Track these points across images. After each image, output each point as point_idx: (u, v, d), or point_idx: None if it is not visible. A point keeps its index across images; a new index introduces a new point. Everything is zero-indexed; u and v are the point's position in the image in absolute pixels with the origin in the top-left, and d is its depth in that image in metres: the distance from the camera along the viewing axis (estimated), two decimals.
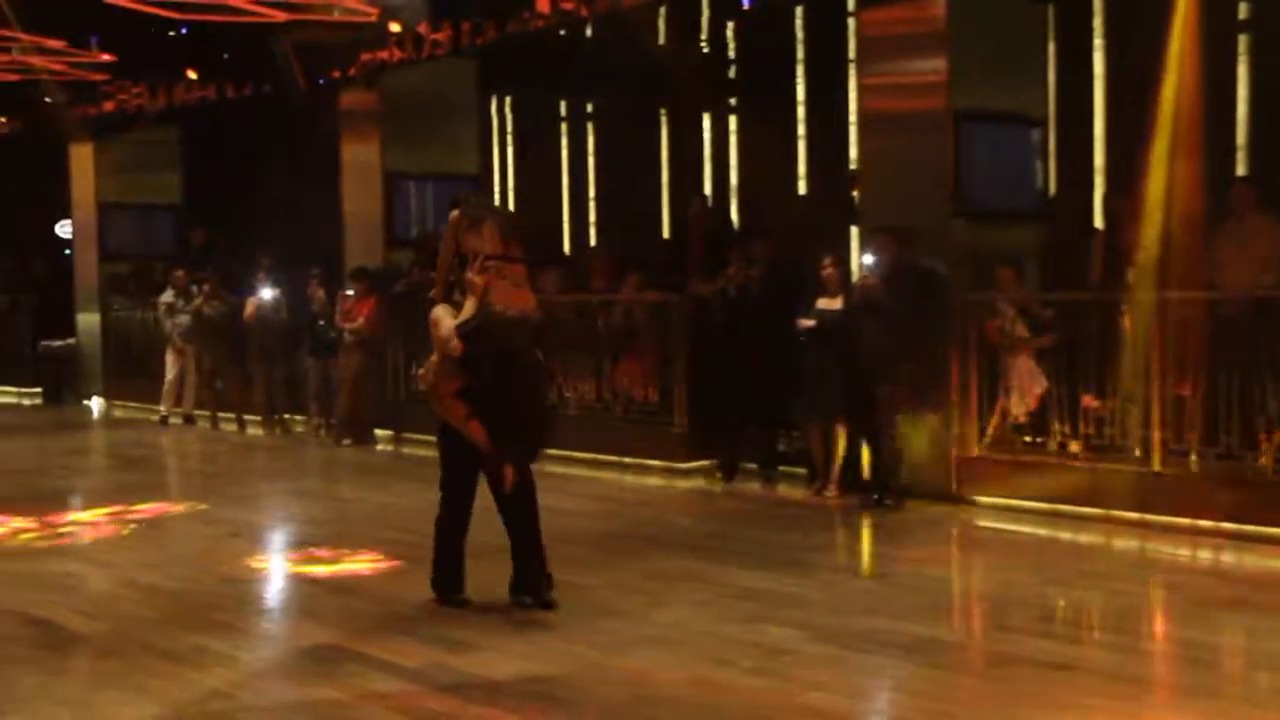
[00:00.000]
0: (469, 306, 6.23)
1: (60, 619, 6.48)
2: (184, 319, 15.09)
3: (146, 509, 9.55)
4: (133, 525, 9.00)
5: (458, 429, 6.38)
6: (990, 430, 9.21)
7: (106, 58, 15.63)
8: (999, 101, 9.79)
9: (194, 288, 15.16)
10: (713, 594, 6.81)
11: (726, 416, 10.50)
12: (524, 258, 6.46)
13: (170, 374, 15.20)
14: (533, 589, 6.49)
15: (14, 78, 16.72)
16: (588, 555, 7.78)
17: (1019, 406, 9.12)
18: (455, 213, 6.60)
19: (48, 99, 18.01)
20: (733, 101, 14.82)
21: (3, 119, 19.16)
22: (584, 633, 6.09)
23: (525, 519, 6.49)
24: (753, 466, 10.49)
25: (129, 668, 5.65)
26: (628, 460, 11.11)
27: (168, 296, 15.36)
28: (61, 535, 8.75)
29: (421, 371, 6.60)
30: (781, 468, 10.39)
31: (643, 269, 11.75)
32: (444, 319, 6.32)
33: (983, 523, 8.75)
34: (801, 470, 10.06)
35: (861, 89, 10.21)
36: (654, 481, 10.65)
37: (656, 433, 11.03)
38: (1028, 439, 9.14)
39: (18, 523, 9.08)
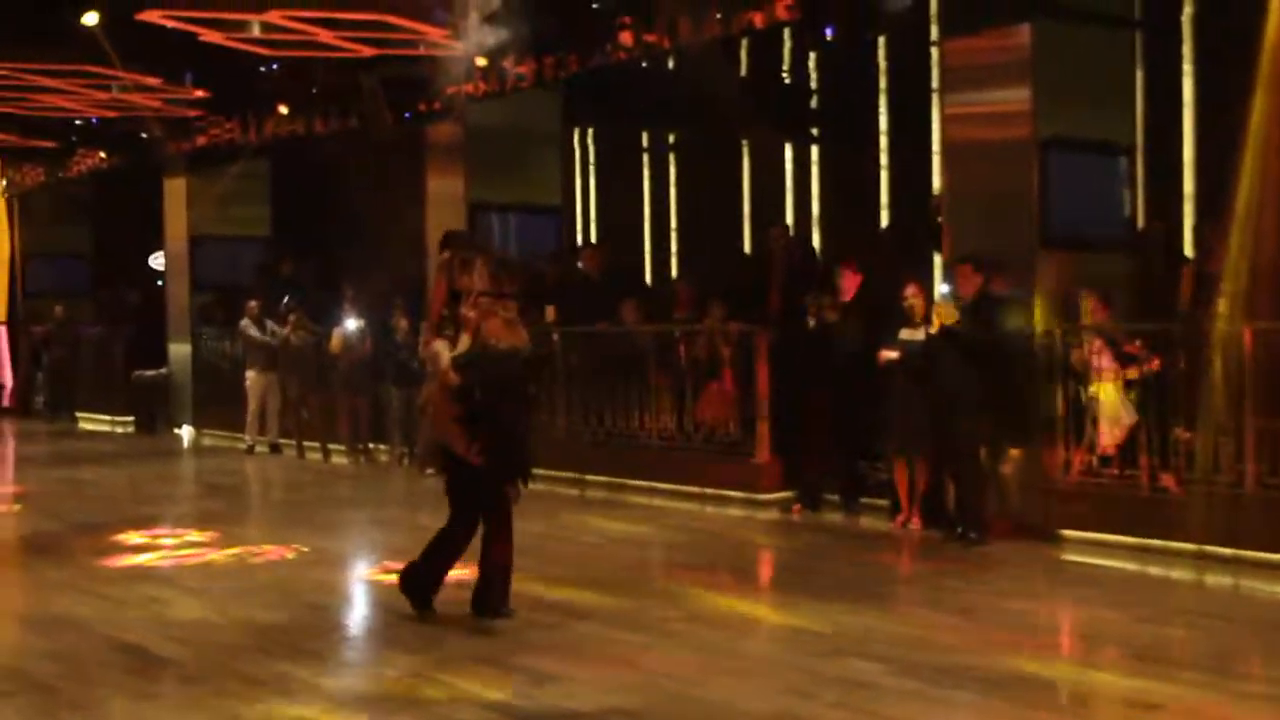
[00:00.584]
0: (464, 341, 6.73)
1: (150, 644, 6.58)
2: (264, 340, 15.35)
3: (234, 536, 9.69)
4: (220, 552, 9.13)
5: (458, 455, 6.83)
6: (1077, 463, 9.06)
7: (200, 94, 15.98)
8: (1085, 130, 9.67)
9: (268, 320, 15.43)
10: (795, 626, 6.76)
11: (810, 447, 10.44)
12: (514, 294, 6.93)
13: (252, 404, 15.45)
14: (492, 609, 6.80)
15: (114, 114, 17.17)
16: (667, 586, 7.77)
17: (1107, 438, 8.96)
18: (446, 253, 7.12)
19: (145, 135, 18.46)
20: (815, 131, 14.81)
21: (102, 155, 19.66)
22: (665, 664, 6.07)
23: (503, 542, 6.83)
24: (835, 498, 10.41)
25: (216, 694, 5.73)
26: (708, 491, 11.08)
27: (245, 325, 15.63)
28: (151, 561, 8.91)
29: (421, 401, 7.26)
30: (864, 499, 10.31)
31: (725, 299, 11.74)
32: (442, 353, 6.87)
33: (1069, 557, 8.60)
34: (884, 502, 9.96)
35: (945, 118, 10.14)
36: (734, 512, 10.61)
37: (738, 463, 11.00)
38: (1116, 472, 8.97)
39: (109, 548, 9.27)
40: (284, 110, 16.13)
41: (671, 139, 16.81)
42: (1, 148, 20.93)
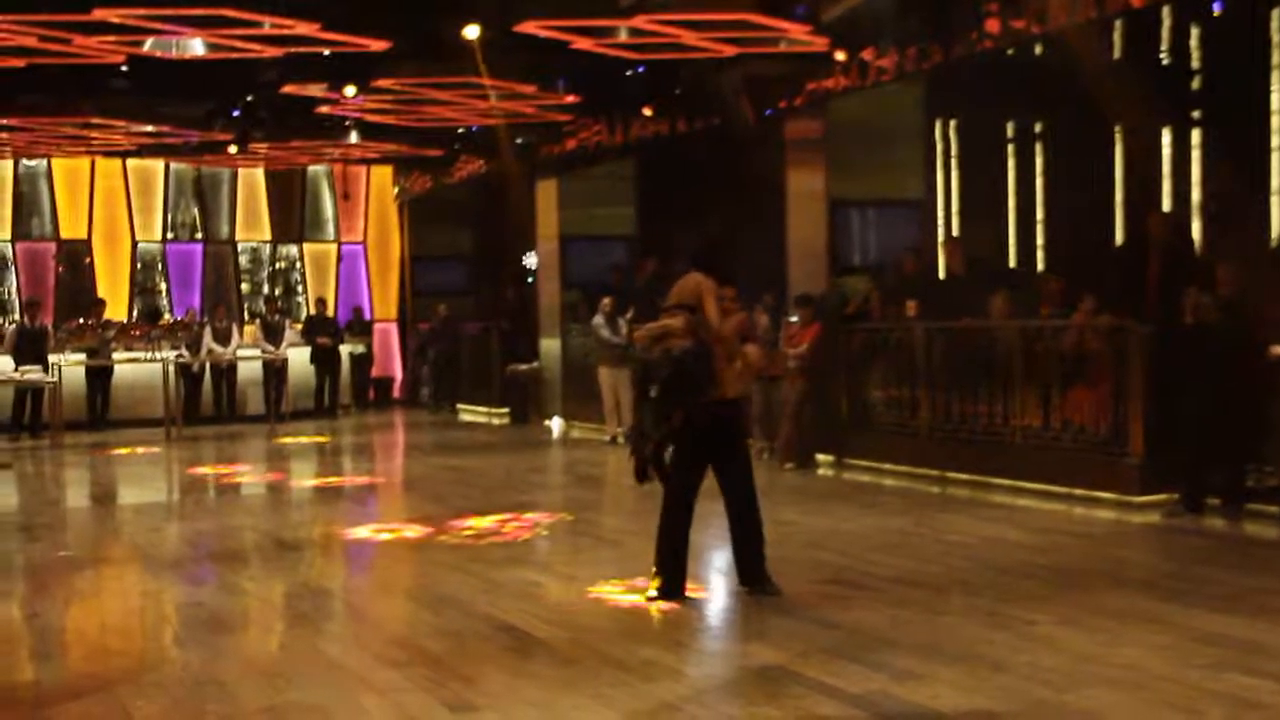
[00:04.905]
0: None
1: (525, 625, 6.89)
2: (612, 339, 15.79)
3: (598, 524, 10.03)
4: (587, 538, 9.48)
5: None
6: None
7: (571, 99, 16.64)
8: None
9: (619, 318, 15.84)
10: (1173, 637, 6.39)
11: (1189, 449, 9.84)
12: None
13: (606, 398, 15.94)
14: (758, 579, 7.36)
15: (492, 122, 18.14)
16: (1034, 589, 7.50)
17: None
18: (706, 279, 7.32)
19: (519, 140, 19.40)
20: (1195, 115, 13.95)
21: (482, 161, 20.79)
22: (1032, 670, 5.86)
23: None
24: (1216, 502, 9.78)
25: (587, 675, 5.94)
26: (1077, 492, 10.63)
27: (597, 323, 16.11)
28: (525, 545, 9.35)
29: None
30: (1250, 505, 9.63)
31: (1095, 292, 11.24)
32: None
33: None
34: (1273, 508, 9.28)
35: None
36: (1105, 515, 10.13)
37: (1109, 463, 10.50)
38: None
39: (487, 532, 9.79)
40: (648, 111, 16.56)
41: (1038, 127, 16.22)
42: (394, 157, 22.51)
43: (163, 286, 22.90)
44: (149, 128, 18.50)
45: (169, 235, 22.94)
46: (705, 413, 7.29)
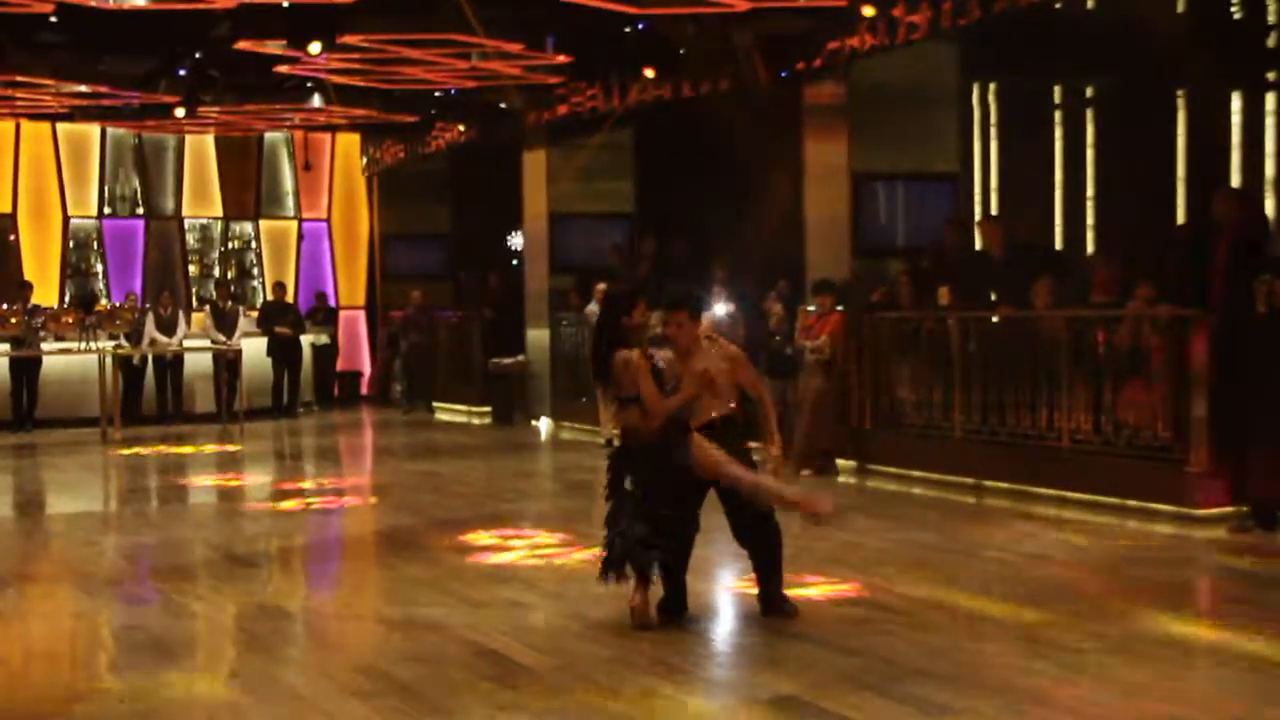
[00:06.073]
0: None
1: (509, 650, 6.91)
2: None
3: (592, 538, 10.00)
4: (580, 553, 9.49)
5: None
6: None
7: (563, 59, 16.63)
8: None
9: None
10: (1242, 668, 6.40)
11: (1260, 455, 9.85)
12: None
13: (601, 396, 15.91)
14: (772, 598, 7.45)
15: (473, 84, 18.12)
16: (1081, 612, 7.51)
17: None
18: (632, 356, 7.28)
19: (504, 105, 19.38)
20: (1270, 77, 13.95)
21: (460, 127, 20.79)
22: (1076, 702, 5.87)
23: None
24: None
25: (577, 707, 5.95)
26: (1130, 503, 10.63)
27: (591, 310, 16.09)
28: (509, 562, 9.35)
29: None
30: None
31: (1153, 279, 11.24)
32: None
33: None
34: None
35: None
36: (1163, 529, 10.14)
37: (1168, 472, 10.49)
38: None
39: (466, 546, 9.80)
40: (650, 74, 16.54)
41: (1090, 91, 16.22)
42: (363, 124, 22.50)
43: (99, 268, 22.91)
44: (82, 88, 18.47)
45: (106, 210, 22.93)
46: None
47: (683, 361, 7.39)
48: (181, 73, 17.88)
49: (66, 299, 22.05)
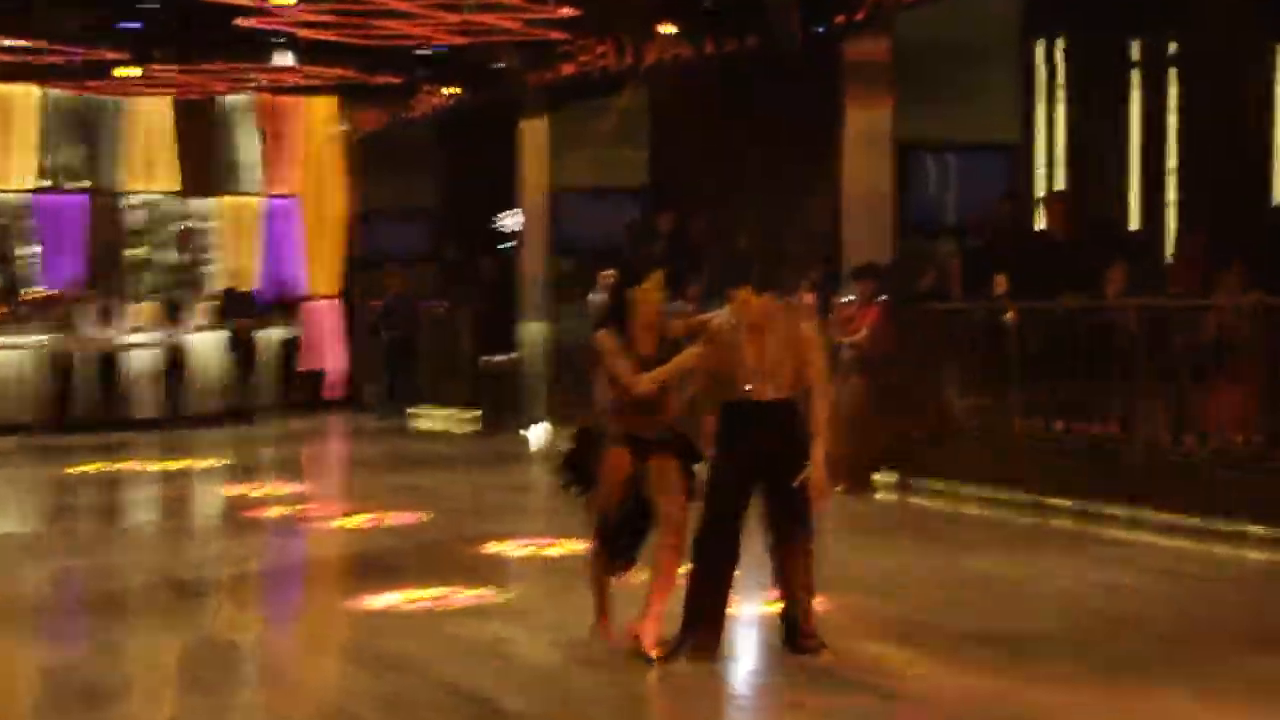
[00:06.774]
0: None
1: (492, 692, 6.86)
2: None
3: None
4: (574, 579, 9.41)
5: None
6: None
7: (568, 12, 16.56)
8: None
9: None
10: None
11: None
12: None
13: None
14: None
15: (464, 40, 18.08)
16: (1158, 651, 7.49)
17: None
18: (606, 335, 7.52)
19: (500, 64, 19.33)
20: None
21: (449, 90, 20.73)
22: None
23: None
24: None
25: None
26: (1217, 524, 10.58)
27: (596, 298, 16.03)
28: (494, 591, 9.29)
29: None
30: None
31: (1247, 263, 11.20)
32: None
33: None
34: None
35: None
36: (1254, 555, 10.09)
37: (1260, 487, 10.45)
38: None
39: (444, 572, 9.75)
40: (667, 30, 16.48)
41: (1172, 48, 16.16)
42: (338, 86, 22.47)
43: (30, 250, 22.86)
44: (16, 42, 18.48)
45: (41, 183, 22.90)
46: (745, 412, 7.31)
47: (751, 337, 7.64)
48: (131, 26, 17.87)
49: None
